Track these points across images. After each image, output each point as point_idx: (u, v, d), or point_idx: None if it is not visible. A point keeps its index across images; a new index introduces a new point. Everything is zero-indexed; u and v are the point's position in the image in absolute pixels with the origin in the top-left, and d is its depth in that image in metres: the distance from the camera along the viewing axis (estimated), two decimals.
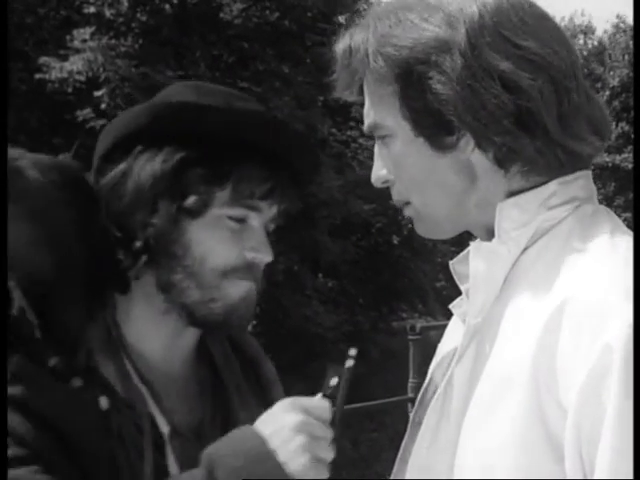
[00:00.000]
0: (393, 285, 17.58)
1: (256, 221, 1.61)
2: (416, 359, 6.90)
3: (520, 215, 1.37)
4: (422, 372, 7.25)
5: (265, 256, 1.61)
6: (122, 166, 1.60)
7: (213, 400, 1.67)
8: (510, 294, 1.36)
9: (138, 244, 1.57)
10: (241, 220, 1.60)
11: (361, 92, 1.48)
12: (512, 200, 1.38)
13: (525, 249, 1.37)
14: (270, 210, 1.63)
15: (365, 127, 1.50)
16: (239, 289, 1.59)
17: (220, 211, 1.58)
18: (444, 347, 1.56)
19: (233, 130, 1.59)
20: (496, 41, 1.34)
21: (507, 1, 1.38)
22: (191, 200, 1.56)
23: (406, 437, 1.52)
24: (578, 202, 1.39)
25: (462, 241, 1.49)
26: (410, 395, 6.88)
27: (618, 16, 34.43)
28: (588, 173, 1.42)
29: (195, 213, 1.57)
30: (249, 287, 1.60)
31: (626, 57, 30.71)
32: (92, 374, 1.55)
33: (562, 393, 1.22)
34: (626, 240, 1.33)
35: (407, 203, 1.49)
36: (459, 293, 1.50)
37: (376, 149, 1.49)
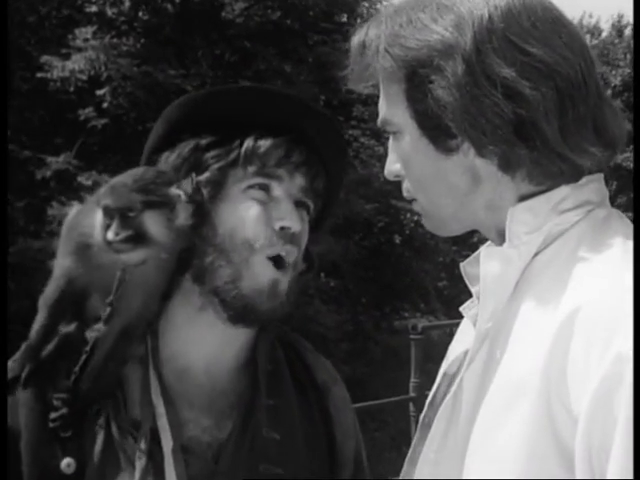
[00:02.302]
0: (395, 284, 17.53)
1: (279, 190, 1.63)
2: (418, 358, 6.90)
3: (532, 219, 1.36)
4: (424, 371, 7.24)
5: (293, 224, 1.61)
6: None
7: (245, 417, 1.64)
8: (521, 299, 1.35)
9: None
10: (264, 188, 1.62)
11: (376, 86, 1.48)
12: (524, 204, 1.37)
13: (537, 253, 1.36)
14: (293, 180, 1.64)
15: (378, 121, 1.49)
16: (267, 274, 1.60)
17: (240, 185, 1.61)
18: (454, 349, 1.55)
19: (236, 108, 1.63)
20: (502, 46, 1.32)
21: (520, 4, 1.35)
22: (204, 176, 1.60)
23: (415, 438, 1.51)
24: (590, 206, 1.37)
25: (464, 240, 1.50)
26: (412, 394, 6.87)
27: (619, 15, 34.39)
28: (600, 176, 1.41)
29: (213, 191, 1.60)
30: (274, 278, 1.61)
31: (628, 56, 30.64)
32: (113, 395, 1.58)
33: (573, 401, 1.21)
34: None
35: (415, 199, 1.49)
36: (460, 293, 1.51)
37: (390, 143, 1.48)
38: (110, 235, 1.52)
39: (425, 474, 1.44)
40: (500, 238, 1.42)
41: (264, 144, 1.60)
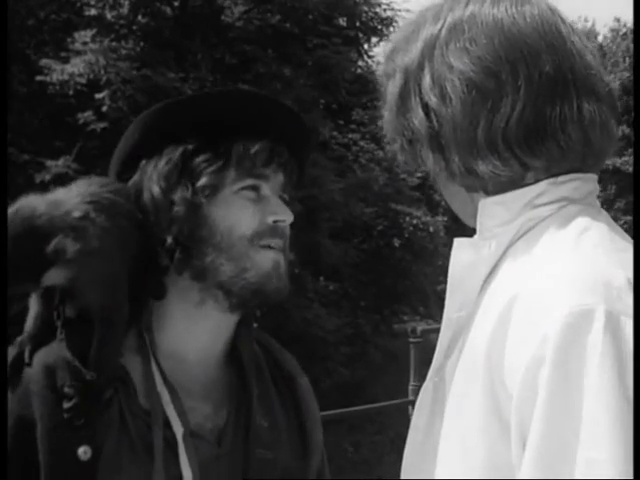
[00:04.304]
0: (394, 288, 17.59)
1: (267, 189, 1.71)
2: (417, 362, 6.90)
3: (504, 212, 1.40)
4: (423, 375, 7.22)
5: (286, 216, 1.71)
6: (133, 182, 1.70)
7: (239, 406, 1.72)
8: (487, 290, 1.39)
9: (169, 241, 1.65)
10: (255, 188, 1.69)
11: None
12: (495, 198, 1.41)
13: (510, 247, 1.40)
14: (276, 177, 1.72)
15: None
16: (268, 258, 1.67)
17: (232, 187, 1.68)
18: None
19: (220, 112, 1.70)
20: (438, 63, 1.41)
21: (468, 19, 1.41)
22: (202, 181, 1.66)
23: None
24: (565, 202, 1.39)
25: None
26: (411, 398, 6.87)
27: (617, 19, 34.49)
28: (588, 176, 1.42)
29: (210, 194, 1.66)
30: (277, 257, 1.69)
31: (627, 60, 30.72)
32: (123, 382, 1.63)
33: (509, 384, 1.25)
34: (598, 235, 1.34)
35: None
36: None
37: None
38: None
39: (410, 465, 1.48)
40: None
41: (253, 147, 1.67)
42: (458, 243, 1.45)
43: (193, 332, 1.70)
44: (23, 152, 12.69)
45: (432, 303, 18.75)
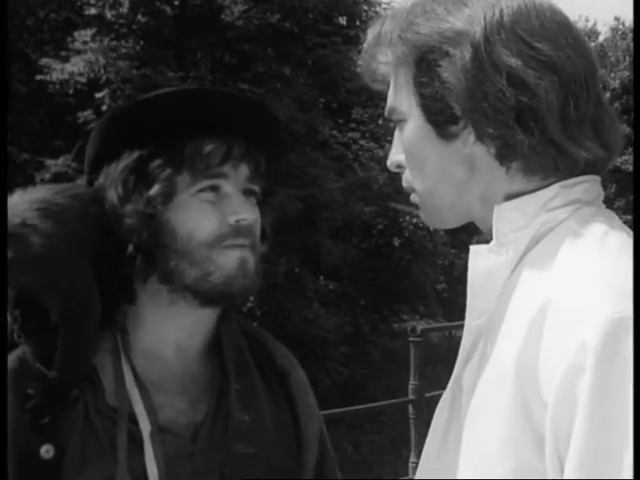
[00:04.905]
0: (394, 287, 17.57)
1: (228, 187, 1.68)
2: (417, 361, 6.90)
3: (519, 217, 1.39)
4: (423, 374, 7.25)
5: (247, 215, 1.67)
6: (98, 185, 1.70)
7: (219, 400, 1.71)
8: (510, 296, 1.38)
9: (130, 249, 1.66)
10: (214, 188, 1.67)
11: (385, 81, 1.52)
12: (511, 203, 1.40)
13: (527, 251, 1.39)
14: (238, 173, 1.69)
15: (385, 110, 1.53)
16: (232, 258, 1.66)
17: (189, 191, 1.66)
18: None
19: (170, 113, 1.67)
20: (510, 39, 1.37)
21: (531, 6, 1.41)
22: (154, 190, 1.64)
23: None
24: (579, 204, 1.40)
25: (463, 243, 1.50)
26: (411, 397, 6.87)
27: (617, 18, 34.46)
28: (594, 178, 1.43)
29: (163, 202, 1.64)
30: (241, 256, 1.67)
31: (627, 59, 30.71)
32: (92, 381, 1.64)
33: (544, 392, 1.24)
34: (619, 239, 1.34)
35: (414, 189, 1.51)
36: (459, 295, 1.53)
37: (395, 134, 1.51)
38: None
39: (426, 469, 1.46)
40: (492, 235, 1.45)
41: (206, 146, 1.65)
42: (475, 250, 1.43)
43: (167, 331, 1.71)
44: (23, 151, 12.69)
45: (432, 302, 18.74)
